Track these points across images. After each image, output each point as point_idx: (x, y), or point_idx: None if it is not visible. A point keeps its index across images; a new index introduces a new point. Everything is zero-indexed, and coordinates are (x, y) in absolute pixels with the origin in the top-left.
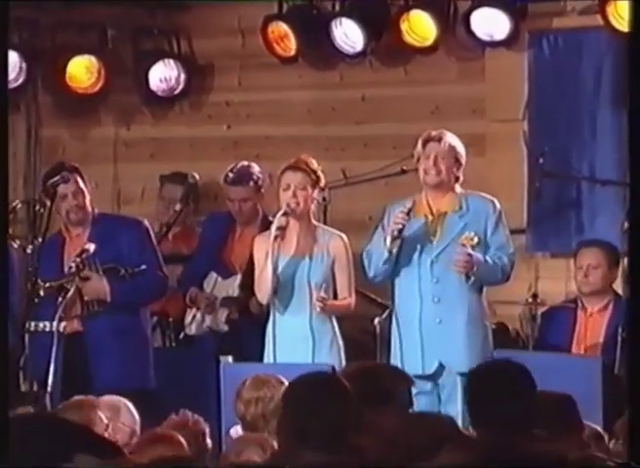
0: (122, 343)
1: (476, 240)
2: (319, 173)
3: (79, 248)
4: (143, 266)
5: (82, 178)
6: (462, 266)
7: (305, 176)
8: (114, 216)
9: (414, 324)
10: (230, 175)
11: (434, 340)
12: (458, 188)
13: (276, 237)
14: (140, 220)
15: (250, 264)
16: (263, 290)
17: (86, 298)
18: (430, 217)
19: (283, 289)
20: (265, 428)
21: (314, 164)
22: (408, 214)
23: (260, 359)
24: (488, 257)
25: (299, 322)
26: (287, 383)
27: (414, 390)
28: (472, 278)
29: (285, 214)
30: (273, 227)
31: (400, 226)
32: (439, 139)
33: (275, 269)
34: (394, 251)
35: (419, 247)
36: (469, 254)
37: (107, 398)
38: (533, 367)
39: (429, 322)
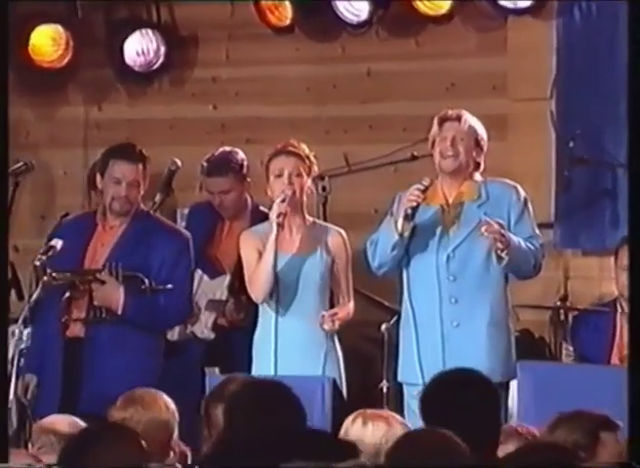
0: (124, 362)
1: None
2: (312, 159)
3: (106, 241)
4: (170, 286)
5: (144, 171)
6: (499, 240)
7: (299, 161)
8: (157, 220)
9: (430, 327)
10: (206, 164)
11: (451, 346)
12: (477, 176)
13: (279, 225)
14: (183, 232)
15: (240, 262)
16: (260, 288)
17: (95, 303)
18: (446, 208)
19: (285, 289)
20: None
21: (306, 149)
22: (424, 191)
23: (250, 370)
24: (520, 239)
25: (301, 326)
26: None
27: None
28: (506, 259)
29: (283, 200)
30: (273, 214)
31: (414, 204)
32: (458, 118)
33: (272, 269)
34: (405, 234)
35: (432, 240)
36: (501, 225)
37: (64, 419)
38: (563, 379)
39: (446, 325)
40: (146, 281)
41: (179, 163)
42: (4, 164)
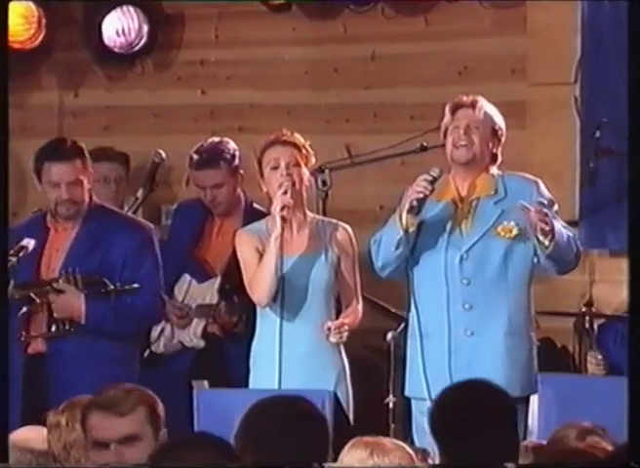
0: (93, 374)
1: (516, 231)
2: (309, 149)
3: (61, 246)
4: (136, 285)
5: (84, 164)
6: (543, 221)
7: (296, 151)
8: (115, 214)
9: (438, 336)
10: (195, 156)
11: (463, 357)
12: (494, 170)
13: (283, 219)
14: (145, 226)
15: (232, 264)
16: (263, 291)
17: (55, 316)
18: (459, 204)
19: (291, 293)
20: (67, 461)
21: (302, 139)
22: (433, 182)
23: (246, 383)
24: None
25: (308, 334)
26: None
27: None
28: (550, 246)
29: (285, 192)
30: (277, 208)
31: (421, 196)
32: (472, 105)
33: (277, 267)
34: (411, 230)
35: (443, 239)
36: (542, 204)
37: (37, 434)
38: (588, 392)
39: (458, 334)
40: (109, 283)
41: (163, 154)
42: (4, 162)
